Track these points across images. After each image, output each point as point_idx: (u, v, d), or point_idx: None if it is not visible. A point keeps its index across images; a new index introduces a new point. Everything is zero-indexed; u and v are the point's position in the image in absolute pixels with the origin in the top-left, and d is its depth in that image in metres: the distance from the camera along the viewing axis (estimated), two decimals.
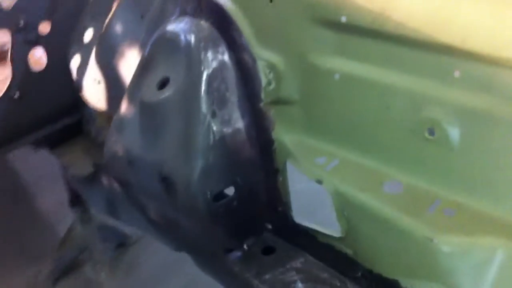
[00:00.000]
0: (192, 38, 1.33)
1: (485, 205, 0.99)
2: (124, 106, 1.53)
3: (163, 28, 1.44)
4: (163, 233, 1.62)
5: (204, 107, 1.29)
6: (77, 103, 2.06)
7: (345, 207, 1.13)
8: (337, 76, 1.15)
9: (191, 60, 1.33)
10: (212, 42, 1.32)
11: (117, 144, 1.54)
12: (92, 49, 1.90)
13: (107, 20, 1.78)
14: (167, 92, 1.35)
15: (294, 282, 1.22)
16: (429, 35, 1.00)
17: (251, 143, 1.31)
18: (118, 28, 1.74)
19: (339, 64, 1.15)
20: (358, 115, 1.15)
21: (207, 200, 1.28)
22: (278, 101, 1.26)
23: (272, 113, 1.28)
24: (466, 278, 0.98)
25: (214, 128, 1.29)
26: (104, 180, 1.98)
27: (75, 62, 2.03)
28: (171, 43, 1.38)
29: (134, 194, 1.59)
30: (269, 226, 1.38)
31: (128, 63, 1.69)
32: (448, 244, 0.98)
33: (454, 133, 1.01)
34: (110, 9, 1.82)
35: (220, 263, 1.40)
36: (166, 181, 1.37)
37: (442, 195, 1.04)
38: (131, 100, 1.51)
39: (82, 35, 2.00)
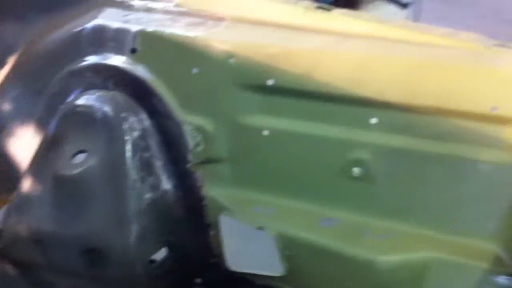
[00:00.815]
0: (109, 109, 1.39)
1: (410, 227, 1.20)
2: (26, 185, 1.49)
3: (71, 102, 1.47)
4: None
5: (131, 174, 1.34)
6: None
7: (288, 247, 1.26)
8: (265, 133, 1.30)
9: (111, 130, 1.38)
10: (131, 111, 1.39)
11: (19, 225, 1.49)
12: None
13: None
14: (86, 164, 1.37)
15: None
16: (350, 90, 1.21)
17: (180, 203, 1.39)
18: (6, 106, 1.69)
19: (267, 122, 1.31)
20: (288, 165, 1.30)
21: (145, 263, 1.32)
22: (207, 161, 1.37)
23: (200, 172, 1.37)
24: None
25: (144, 193, 1.34)
26: None
27: None
28: (84, 116, 1.42)
29: (39, 275, 1.53)
30: (198, 281, 1.43)
31: (20, 142, 1.64)
32: (387, 262, 1.16)
33: (376, 169, 1.21)
34: None
35: None
36: (92, 254, 1.37)
37: (373, 223, 1.23)
38: (37, 177, 1.48)
39: None
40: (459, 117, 1.15)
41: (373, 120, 1.20)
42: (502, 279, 1.12)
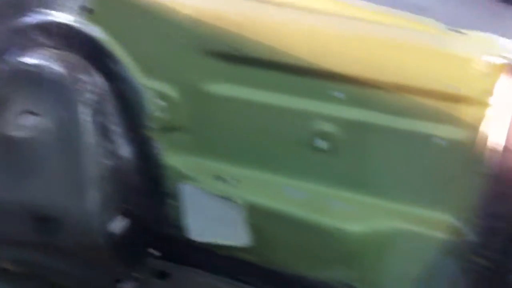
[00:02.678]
0: (60, 68, 1.31)
1: (373, 198, 1.24)
2: None
3: (15, 60, 1.36)
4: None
5: (87, 138, 1.28)
6: None
7: (254, 217, 1.26)
8: (229, 101, 1.29)
9: (63, 91, 1.30)
10: (84, 72, 1.32)
11: None
12: None
13: None
14: (36, 126, 1.29)
15: None
16: (314, 63, 1.22)
17: (138, 171, 1.34)
18: None
19: (231, 91, 1.29)
20: (251, 136, 1.30)
21: (104, 232, 1.27)
22: (168, 128, 1.33)
23: (160, 140, 1.34)
24: (371, 258, 1.21)
25: (100, 159, 1.29)
26: None
27: None
28: (32, 74, 1.32)
29: None
30: (156, 253, 1.40)
31: None
32: (355, 231, 1.20)
33: (338, 141, 1.24)
34: None
35: None
36: (43, 222, 1.30)
37: (337, 194, 1.26)
38: None
39: None
40: (418, 95, 1.19)
41: (337, 94, 1.22)
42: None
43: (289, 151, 1.27)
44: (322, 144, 1.24)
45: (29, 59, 1.33)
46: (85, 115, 1.28)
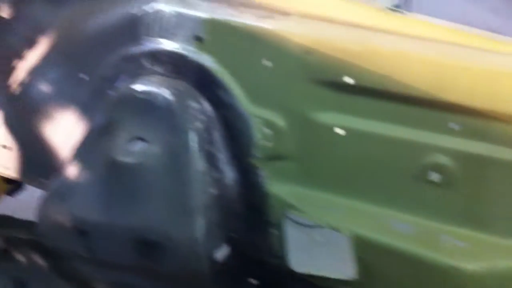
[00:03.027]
0: (171, 96, 1.33)
1: (488, 235, 1.19)
2: (71, 171, 1.42)
3: (127, 87, 1.40)
4: None
5: (196, 165, 1.29)
6: None
7: (361, 250, 1.23)
8: (338, 131, 1.27)
9: (174, 118, 1.32)
10: (194, 100, 1.34)
11: (61, 214, 1.42)
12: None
13: (19, 79, 1.63)
14: (146, 152, 1.31)
15: None
16: (430, 93, 1.19)
17: (242, 198, 1.34)
18: (43, 87, 1.60)
19: (341, 120, 1.27)
20: (360, 166, 1.27)
21: (209, 259, 1.26)
22: (274, 157, 1.32)
23: (266, 168, 1.33)
24: None
25: (208, 186, 1.29)
26: (19, 257, 1.73)
27: None
28: (143, 101, 1.35)
29: (74, 266, 1.46)
30: (255, 282, 1.39)
31: (59, 127, 1.56)
32: (473, 270, 1.14)
33: (454, 175, 1.20)
34: (13, 68, 1.67)
35: None
36: (146, 247, 1.31)
37: (448, 229, 1.21)
38: (85, 164, 1.41)
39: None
40: None
41: (453, 125, 1.19)
42: None
43: (400, 183, 1.24)
44: (435, 177, 1.21)
45: (140, 86, 1.37)
46: (193, 142, 1.30)
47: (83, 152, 1.42)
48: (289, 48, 1.28)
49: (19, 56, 1.64)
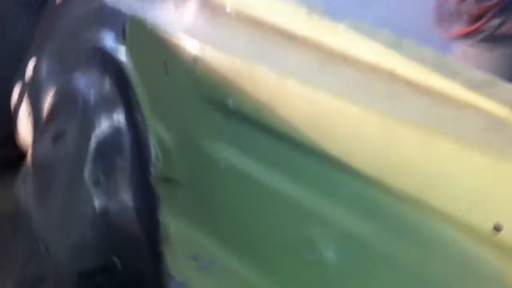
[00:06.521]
0: (90, 97, 1.22)
1: None
2: (29, 154, 1.43)
3: (70, 77, 1.33)
4: None
5: (87, 172, 1.16)
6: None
7: None
8: (222, 165, 1.02)
9: (84, 118, 1.21)
10: (110, 103, 1.20)
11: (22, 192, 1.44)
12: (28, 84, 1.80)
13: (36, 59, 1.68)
14: (58, 147, 1.24)
15: None
16: (316, 141, 0.86)
17: (137, 220, 1.17)
18: (44, 69, 1.62)
19: (225, 151, 1.01)
20: (241, 214, 1.01)
21: (73, 276, 1.16)
22: (165, 179, 1.13)
23: (160, 190, 1.14)
24: None
25: (96, 199, 1.16)
26: None
27: (15, 94, 1.93)
28: (72, 96, 1.28)
29: None
30: None
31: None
32: None
33: (331, 255, 0.87)
34: None
35: None
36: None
37: None
38: (33, 148, 1.41)
39: (25, 68, 1.90)
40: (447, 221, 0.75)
41: (341, 190, 0.85)
42: None
43: (277, 251, 0.96)
44: (313, 254, 0.89)
45: (75, 81, 1.30)
46: (97, 145, 1.19)
47: (35, 137, 1.41)
48: (181, 54, 1.05)
49: None
